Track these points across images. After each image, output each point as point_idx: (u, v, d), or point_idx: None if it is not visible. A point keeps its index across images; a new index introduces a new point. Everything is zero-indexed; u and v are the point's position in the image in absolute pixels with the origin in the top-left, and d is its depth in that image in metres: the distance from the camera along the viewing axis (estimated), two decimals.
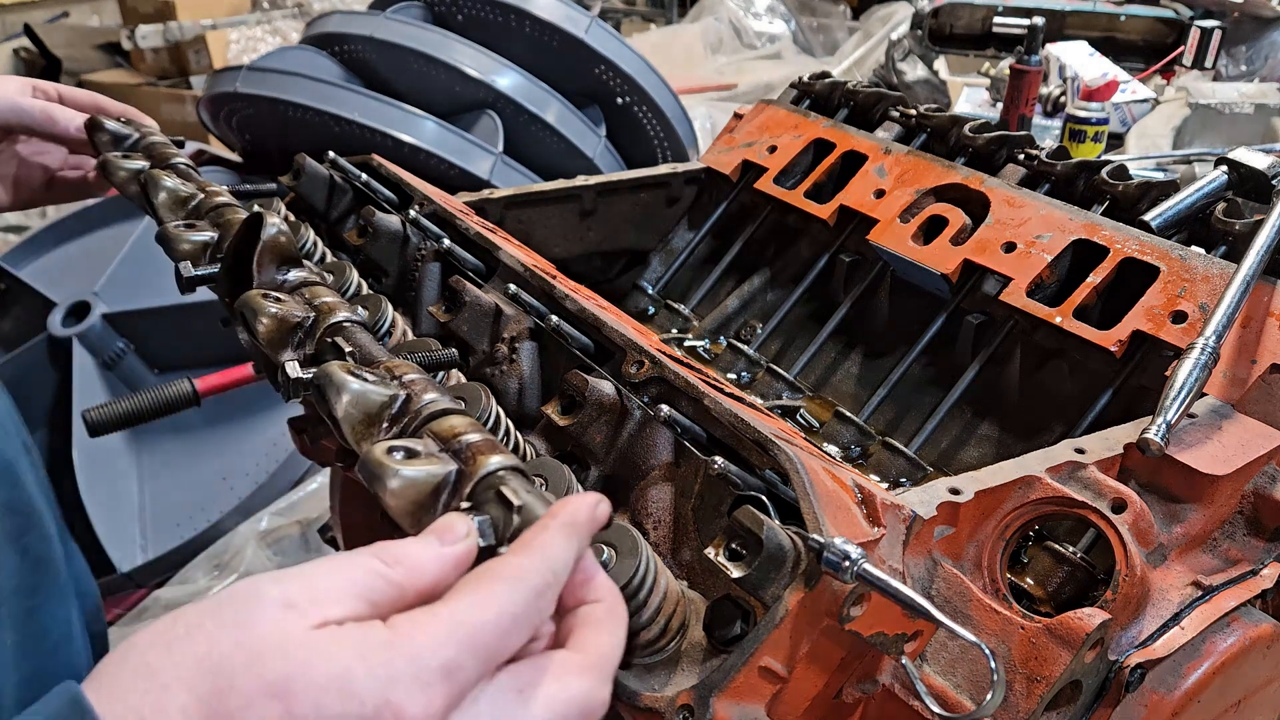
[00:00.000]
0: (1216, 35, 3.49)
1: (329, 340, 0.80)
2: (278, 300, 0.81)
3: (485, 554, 0.57)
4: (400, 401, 0.69)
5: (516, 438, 0.89)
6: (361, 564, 0.53)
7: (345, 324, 0.83)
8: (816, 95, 1.70)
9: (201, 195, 1.06)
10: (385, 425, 0.69)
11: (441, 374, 0.95)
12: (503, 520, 0.59)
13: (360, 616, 0.52)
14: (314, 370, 0.72)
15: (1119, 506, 0.87)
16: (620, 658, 0.57)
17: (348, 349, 0.79)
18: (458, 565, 0.55)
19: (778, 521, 0.70)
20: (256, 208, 0.89)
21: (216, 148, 3.11)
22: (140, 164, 1.15)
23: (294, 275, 0.89)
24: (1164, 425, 0.90)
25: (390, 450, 0.62)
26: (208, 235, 0.99)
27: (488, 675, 0.52)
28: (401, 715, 0.48)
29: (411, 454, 0.62)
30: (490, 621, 0.51)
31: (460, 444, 0.64)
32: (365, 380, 0.70)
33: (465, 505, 0.61)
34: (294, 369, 0.75)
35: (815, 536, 0.68)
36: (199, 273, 0.96)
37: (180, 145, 1.28)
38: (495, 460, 0.62)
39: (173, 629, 0.50)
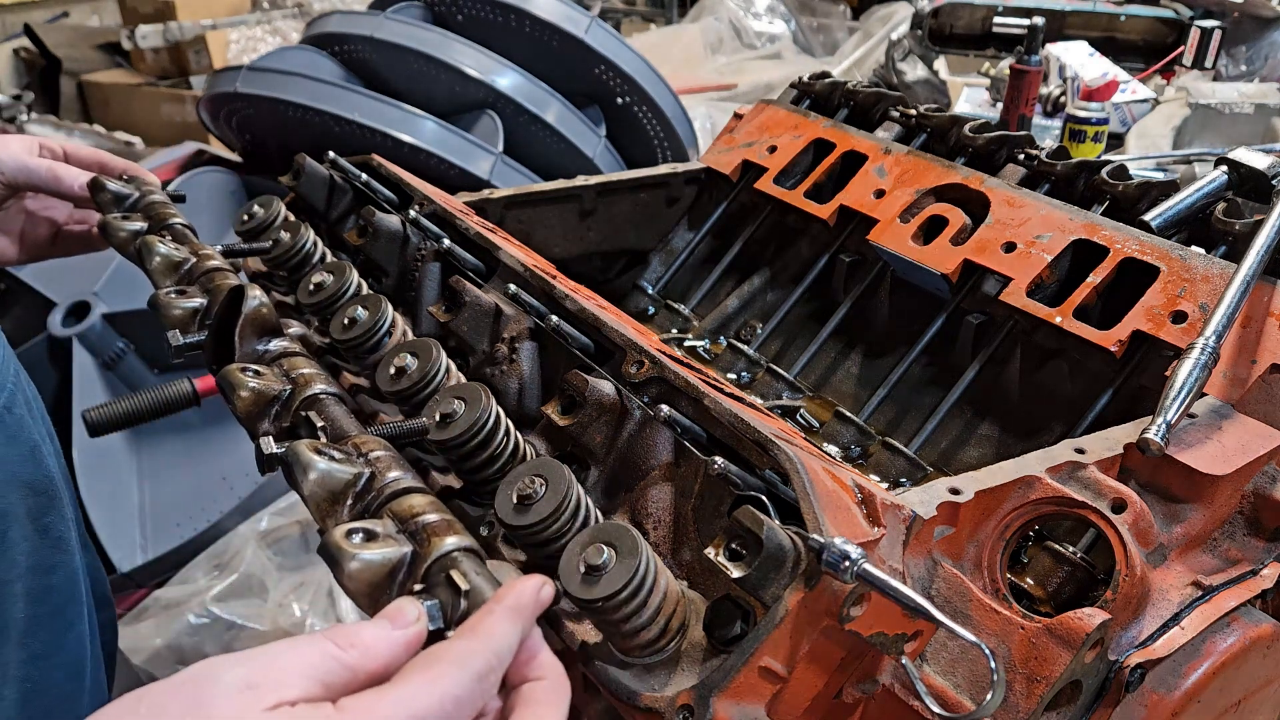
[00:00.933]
0: (1216, 35, 3.49)
1: (303, 414, 0.82)
2: (256, 374, 0.82)
3: (435, 636, 0.61)
4: (364, 479, 0.72)
5: (516, 438, 0.89)
6: (317, 647, 0.56)
7: (320, 397, 0.87)
8: (816, 95, 1.70)
9: (194, 259, 1.10)
10: (350, 503, 0.72)
11: (441, 376, 0.95)
12: (451, 604, 0.62)
13: (314, 697, 0.54)
14: (285, 446, 0.74)
15: (1119, 506, 0.87)
16: None
17: (319, 424, 0.82)
18: (408, 648, 0.59)
19: (778, 521, 0.70)
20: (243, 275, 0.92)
21: (216, 148, 3.11)
22: (138, 225, 1.18)
23: (275, 345, 0.93)
24: (1164, 425, 0.90)
25: (349, 534, 0.64)
26: (197, 302, 1.03)
27: None
28: None
29: (370, 536, 0.65)
30: (435, 704, 0.54)
31: (417, 524, 0.67)
32: (332, 459, 0.73)
33: (418, 588, 0.63)
34: (268, 444, 0.77)
35: (815, 536, 0.68)
36: (187, 340, 1.00)
37: (180, 200, 1.31)
38: (450, 542, 0.65)
39: (136, 709, 0.53)
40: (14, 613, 0.74)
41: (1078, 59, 3.32)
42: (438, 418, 0.88)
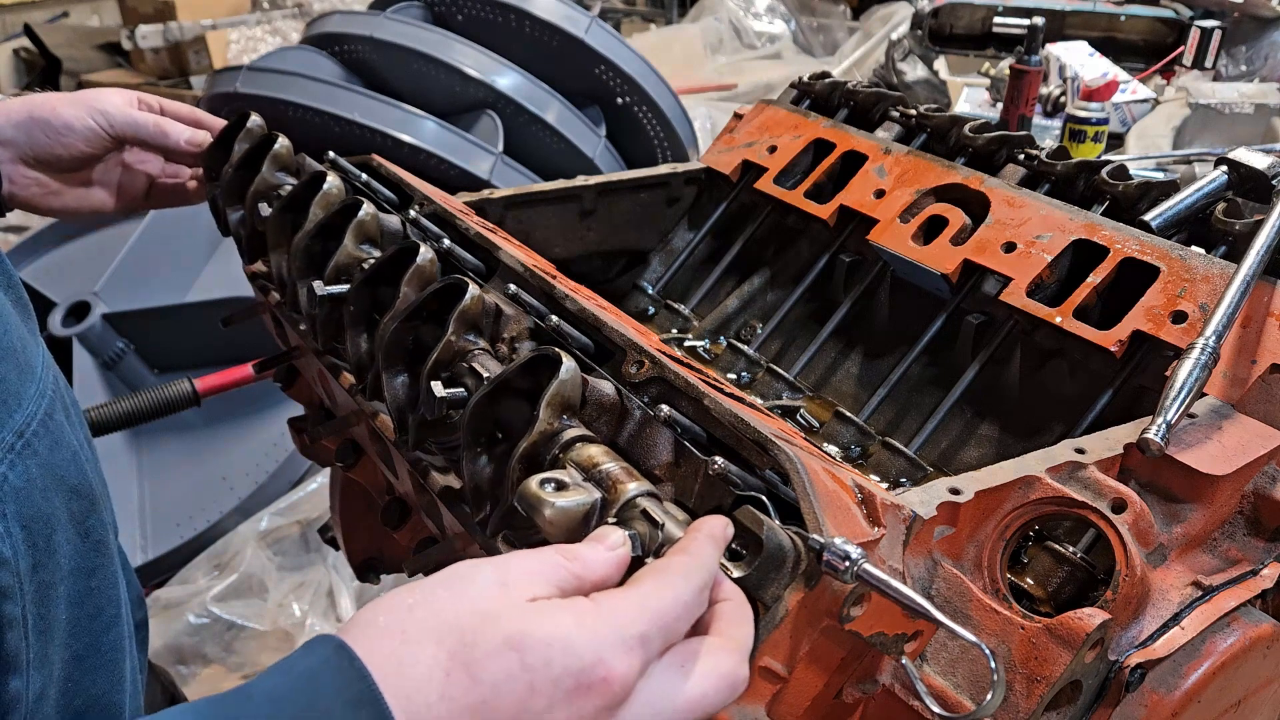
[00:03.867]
0: (1216, 35, 3.49)
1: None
2: (559, 486, 0.82)
3: (635, 564, 0.67)
4: (567, 417, 0.81)
5: None
6: (549, 558, 0.63)
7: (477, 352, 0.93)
8: (816, 95, 1.70)
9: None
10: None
11: None
12: (649, 535, 0.69)
13: (551, 598, 0.61)
14: (542, 350, 0.81)
15: (1119, 506, 0.87)
16: (752, 645, 0.66)
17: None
18: (619, 566, 0.66)
19: (778, 521, 0.70)
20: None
21: None
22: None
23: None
24: (1164, 425, 0.90)
25: (542, 483, 0.71)
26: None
27: (660, 654, 0.62)
28: (611, 671, 0.58)
29: (560, 485, 0.72)
30: (668, 605, 0.61)
31: (600, 473, 0.74)
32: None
33: (613, 521, 0.71)
34: (439, 389, 0.86)
35: (815, 536, 0.68)
36: (329, 291, 1.06)
37: None
38: (634, 487, 0.72)
39: (407, 599, 0.60)
40: (58, 615, 0.75)
41: (1078, 59, 3.32)
42: None
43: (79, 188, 1.32)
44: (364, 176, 1.35)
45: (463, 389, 0.88)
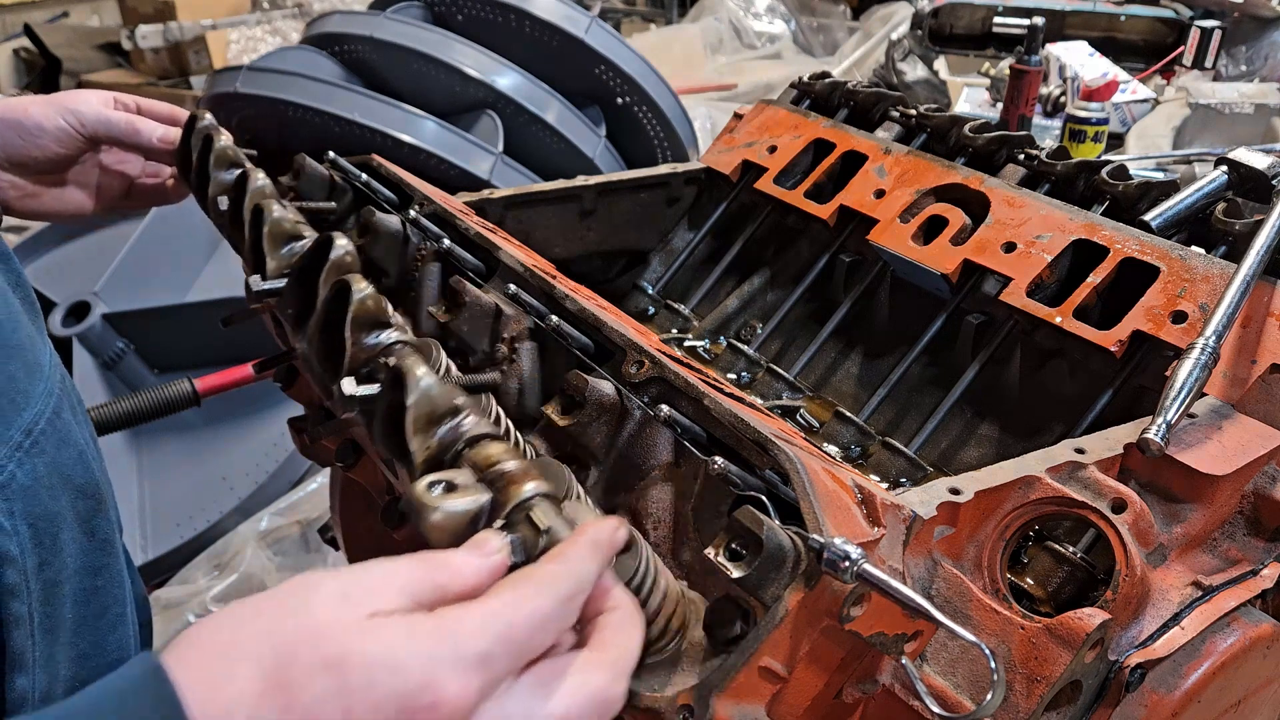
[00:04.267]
0: (1216, 35, 3.49)
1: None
2: (449, 487, 0.79)
3: (515, 569, 0.63)
4: (452, 422, 0.74)
5: (516, 438, 0.89)
6: (409, 566, 0.59)
7: (397, 345, 0.87)
8: (816, 95, 1.70)
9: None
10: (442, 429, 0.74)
11: (442, 376, 0.95)
12: (532, 541, 0.64)
13: (405, 611, 0.57)
14: (395, 365, 0.76)
15: (1119, 506, 0.87)
16: (637, 658, 0.62)
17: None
18: (493, 574, 0.61)
19: (778, 521, 0.70)
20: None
21: None
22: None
23: (385, 337, 0.89)
24: (1164, 425, 0.90)
25: (431, 485, 0.67)
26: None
27: (515, 672, 0.57)
28: (441, 694, 0.53)
29: (450, 487, 0.67)
30: (523, 619, 0.57)
31: (495, 473, 0.68)
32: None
33: (500, 523, 0.66)
34: (349, 385, 0.80)
35: (815, 536, 0.68)
36: (266, 286, 1.01)
37: (253, 157, 1.33)
38: (529, 488, 0.67)
39: (239, 613, 0.56)
40: (64, 614, 0.76)
41: (1078, 59, 3.32)
42: None
43: (56, 189, 1.31)
44: (364, 176, 1.35)
45: (379, 384, 0.81)
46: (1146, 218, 1.25)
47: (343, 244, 0.93)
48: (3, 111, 1.23)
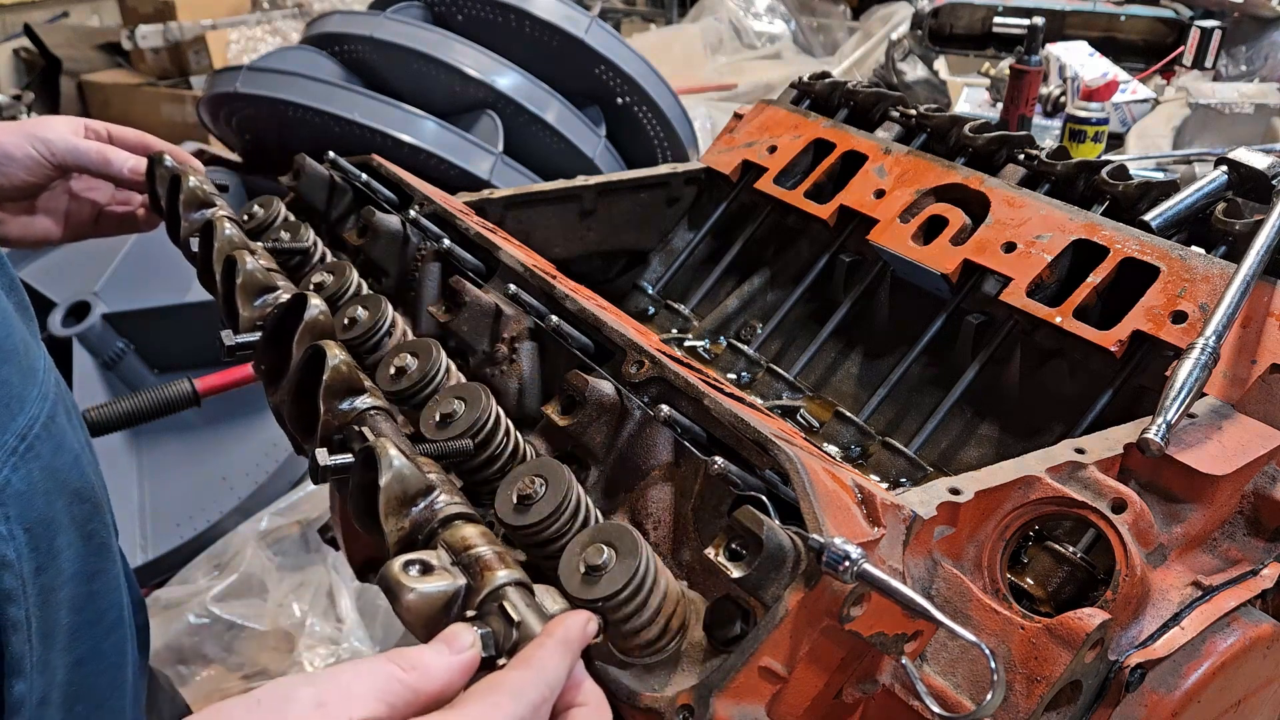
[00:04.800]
0: (1216, 35, 3.49)
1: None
2: (424, 569, 0.77)
3: (486, 662, 0.64)
4: (425, 502, 0.75)
5: (516, 438, 0.89)
6: (381, 669, 0.60)
7: (370, 412, 0.88)
8: (816, 95, 1.70)
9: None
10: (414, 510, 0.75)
11: (441, 376, 0.95)
12: (503, 633, 0.65)
13: (379, 717, 0.58)
14: (366, 444, 0.76)
15: (1119, 506, 0.87)
16: None
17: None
18: (464, 672, 0.62)
19: (778, 521, 0.70)
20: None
21: (217, 148, 3.11)
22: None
23: (360, 403, 0.90)
24: (1164, 425, 0.90)
25: (406, 565, 0.68)
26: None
27: None
28: None
29: (426, 568, 0.68)
30: None
31: (470, 557, 0.70)
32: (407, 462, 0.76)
33: (471, 614, 0.67)
34: (323, 456, 0.79)
35: (815, 536, 0.68)
36: (239, 340, 1.01)
37: (224, 190, 1.33)
38: (501, 576, 0.68)
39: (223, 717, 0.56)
40: (60, 619, 0.76)
41: (1078, 59, 3.32)
42: (437, 418, 0.88)
43: (23, 216, 1.30)
44: (364, 176, 1.35)
45: (349, 455, 0.81)
46: (1146, 218, 1.25)
47: (316, 304, 0.94)
48: None
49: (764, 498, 0.74)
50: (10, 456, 0.70)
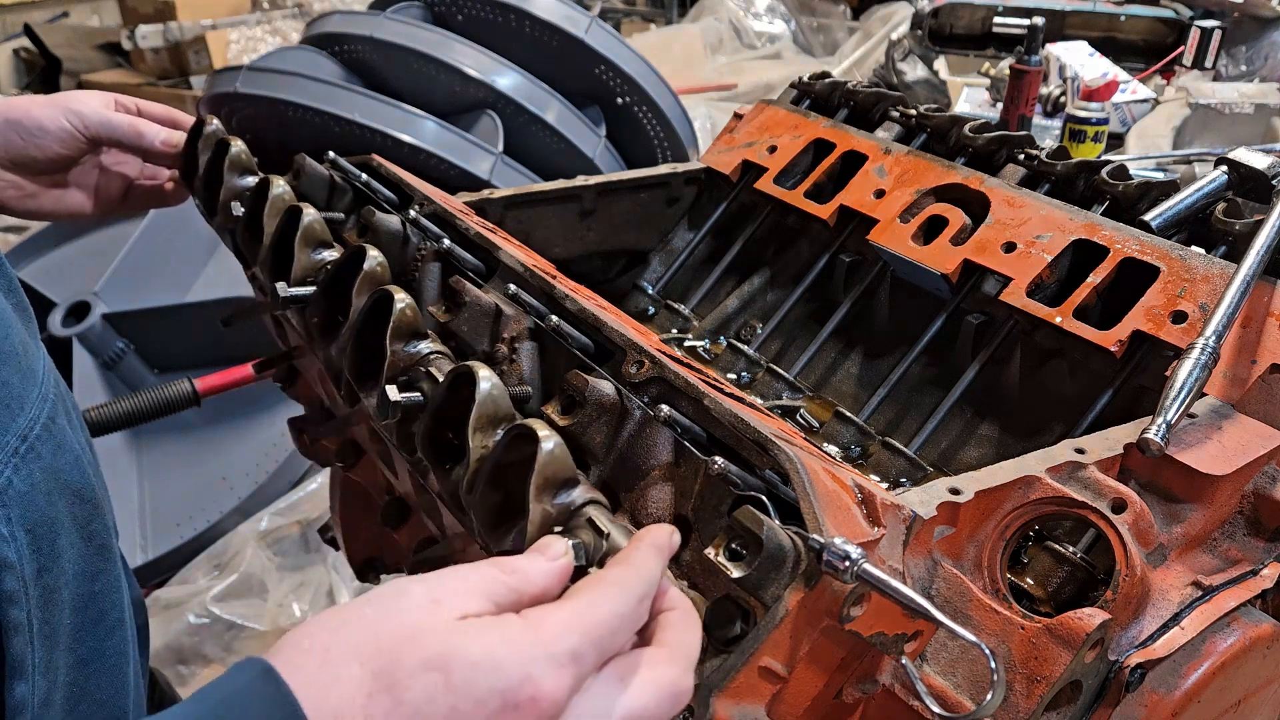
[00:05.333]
0: (1216, 35, 3.49)
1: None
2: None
3: (579, 574, 0.67)
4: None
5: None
6: (485, 572, 0.62)
7: (432, 356, 0.93)
8: (816, 95, 1.70)
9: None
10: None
11: None
12: (593, 545, 0.69)
13: (486, 613, 0.60)
14: (461, 366, 0.81)
15: (1119, 506, 0.87)
16: (699, 654, 0.66)
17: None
18: (560, 578, 0.65)
19: (778, 521, 0.70)
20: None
21: None
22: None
23: (423, 347, 0.94)
24: (1164, 425, 0.90)
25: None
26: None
27: (595, 668, 0.60)
28: (539, 690, 0.56)
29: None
30: (605, 618, 0.60)
31: None
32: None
33: (559, 530, 0.70)
34: (393, 393, 0.85)
35: (815, 536, 0.68)
36: (293, 293, 1.04)
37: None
38: (583, 496, 0.72)
39: (336, 618, 0.59)
40: (63, 619, 0.76)
41: (1078, 59, 3.32)
42: None
43: (55, 190, 1.31)
44: (364, 176, 1.35)
45: (419, 393, 0.87)
46: (1146, 218, 1.25)
47: (374, 255, 0.98)
48: (4, 111, 1.24)
49: (764, 498, 0.74)
50: (11, 458, 0.70)
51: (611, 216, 1.70)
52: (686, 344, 1.56)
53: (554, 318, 0.98)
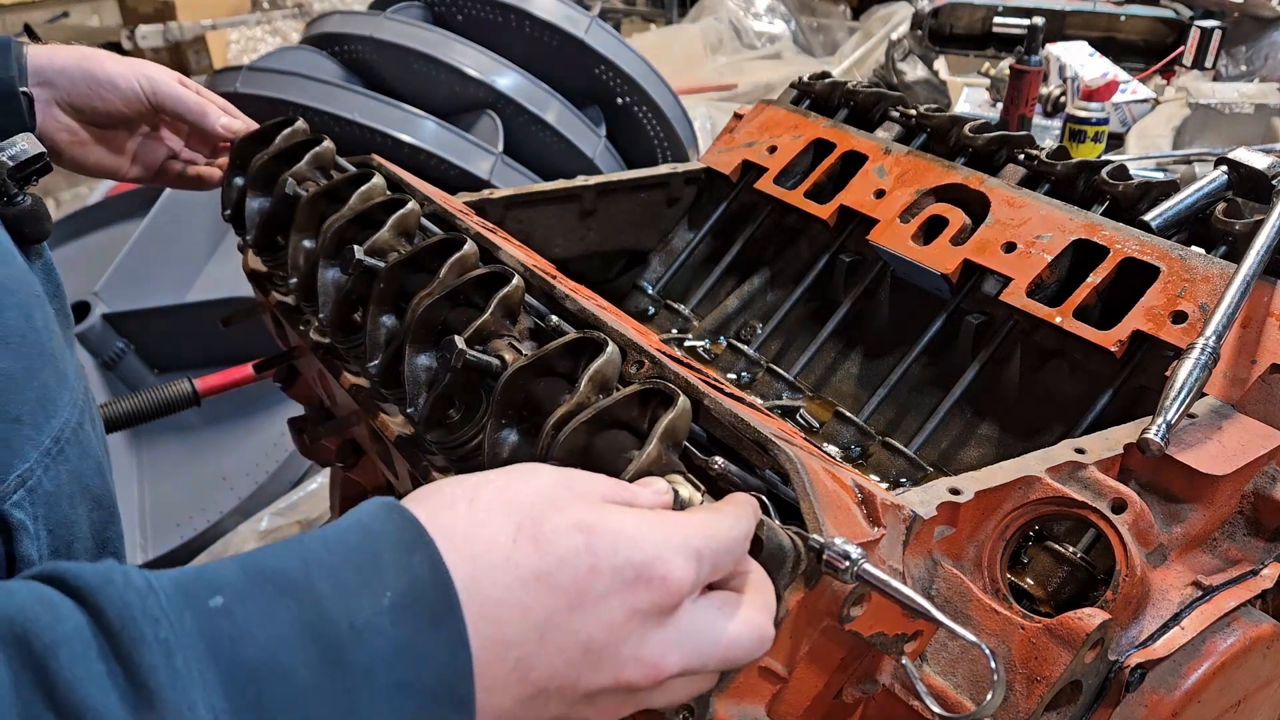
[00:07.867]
0: (1216, 35, 3.49)
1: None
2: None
3: None
4: None
5: None
6: (606, 479, 0.65)
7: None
8: (816, 95, 1.70)
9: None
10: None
11: None
12: (687, 496, 0.70)
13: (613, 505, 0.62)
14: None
15: (1119, 506, 0.87)
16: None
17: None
18: (664, 508, 0.67)
19: (778, 521, 0.70)
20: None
21: None
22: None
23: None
24: (1164, 425, 0.90)
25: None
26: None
27: (701, 588, 0.62)
28: (670, 571, 0.59)
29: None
30: (725, 533, 0.63)
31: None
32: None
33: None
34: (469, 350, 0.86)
35: (815, 536, 0.68)
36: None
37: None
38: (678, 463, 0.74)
39: (466, 482, 0.60)
40: None
41: (1078, 59, 3.32)
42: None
43: (102, 146, 1.32)
44: None
45: (492, 358, 0.88)
46: (1146, 218, 1.25)
47: (472, 246, 1.01)
48: (80, 58, 1.25)
49: (764, 498, 0.74)
50: (44, 458, 0.71)
51: (611, 216, 1.70)
52: (686, 344, 1.56)
53: (554, 318, 0.98)
